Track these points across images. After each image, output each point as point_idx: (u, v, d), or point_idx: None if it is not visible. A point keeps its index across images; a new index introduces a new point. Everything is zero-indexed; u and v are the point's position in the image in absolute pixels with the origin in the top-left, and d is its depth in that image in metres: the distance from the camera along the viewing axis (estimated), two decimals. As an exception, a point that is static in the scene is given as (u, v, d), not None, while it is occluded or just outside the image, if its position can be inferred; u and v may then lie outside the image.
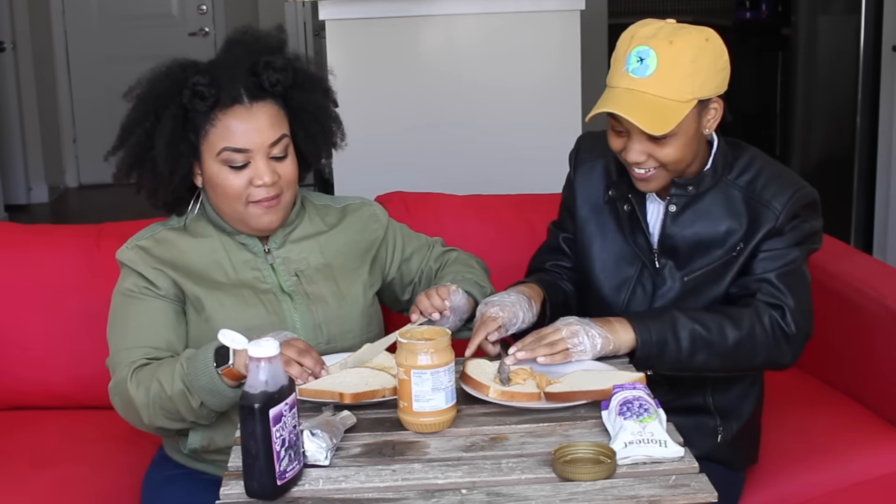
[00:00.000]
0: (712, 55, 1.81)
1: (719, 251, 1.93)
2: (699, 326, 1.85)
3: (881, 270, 2.51)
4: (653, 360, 1.84)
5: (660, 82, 1.77)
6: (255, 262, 2.00)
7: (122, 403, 1.92)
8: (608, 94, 1.82)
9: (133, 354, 1.91)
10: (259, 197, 1.92)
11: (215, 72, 1.92)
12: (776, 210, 1.90)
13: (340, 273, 2.04)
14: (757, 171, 1.94)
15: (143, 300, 1.95)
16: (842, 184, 4.80)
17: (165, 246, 1.99)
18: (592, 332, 1.81)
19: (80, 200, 7.02)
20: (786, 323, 1.88)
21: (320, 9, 3.26)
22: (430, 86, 3.33)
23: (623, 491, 1.46)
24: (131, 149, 1.96)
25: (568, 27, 3.31)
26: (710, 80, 1.81)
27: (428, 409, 1.63)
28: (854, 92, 4.75)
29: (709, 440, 2.01)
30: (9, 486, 2.15)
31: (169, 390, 1.81)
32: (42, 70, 6.91)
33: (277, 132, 1.93)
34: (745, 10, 6.30)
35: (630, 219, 1.98)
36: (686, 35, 1.80)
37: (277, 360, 1.47)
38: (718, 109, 1.87)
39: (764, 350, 1.88)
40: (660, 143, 1.82)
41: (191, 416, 1.84)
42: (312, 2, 3.45)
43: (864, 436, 2.27)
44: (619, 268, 2.00)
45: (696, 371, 1.90)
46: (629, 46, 1.80)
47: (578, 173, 2.08)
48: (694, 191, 1.92)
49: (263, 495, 1.47)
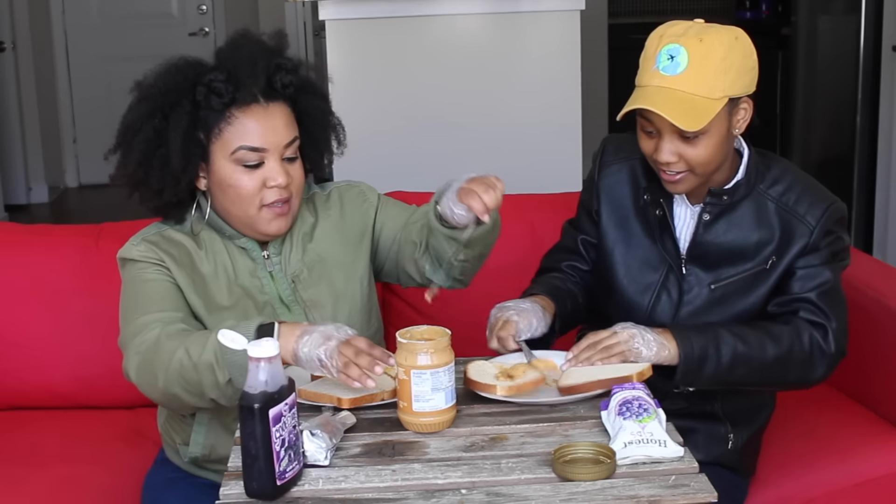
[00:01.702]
0: (742, 53, 1.81)
1: (749, 262, 1.92)
2: (741, 342, 1.84)
3: (881, 270, 2.51)
4: (692, 374, 1.83)
5: (691, 79, 1.76)
6: (254, 269, 1.97)
7: (140, 363, 1.79)
8: (639, 93, 1.81)
9: (160, 317, 1.83)
10: (272, 199, 1.89)
11: (231, 69, 1.89)
12: (810, 224, 1.89)
13: (335, 270, 2.01)
14: (790, 183, 1.93)
15: (158, 281, 1.89)
16: (842, 184, 4.79)
17: (173, 245, 1.94)
18: (648, 338, 1.80)
19: (80, 200, 7.01)
20: (826, 343, 1.87)
21: (320, 9, 3.26)
22: (430, 86, 3.33)
23: (623, 491, 1.46)
24: (139, 146, 1.90)
25: (568, 27, 3.31)
26: (740, 77, 1.80)
27: (428, 409, 1.63)
28: (854, 92, 4.75)
29: (720, 446, 2.00)
30: (9, 486, 2.15)
31: (196, 359, 1.71)
32: (42, 70, 6.90)
33: (292, 133, 1.92)
34: (745, 10, 6.30)
35: (660, 223, 1.97)
36: (716, 33, 1.80)
37: (277, 360, 1.47)
38: (748, 110, 1.85)
39: (798, 367, 1.88)
40: (691, 142, 1.80)
41: (212, 393, 1.73)
42: (312, 2, 3.44)
43: (865, 436, 2.27)
44: (644, 272, 1.98)
45: (731, 386, 1.90)
46: (659, 45, 1.79)
47: (603, 175, 2.05)
48: (728, 200, 1.91)
49: (263, 495, 1.47)
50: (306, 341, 1.67)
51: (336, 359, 1.64)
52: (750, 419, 2.05)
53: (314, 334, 1.68)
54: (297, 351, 1.67)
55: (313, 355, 1.66)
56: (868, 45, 4.64)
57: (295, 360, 1.69)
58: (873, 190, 4.70)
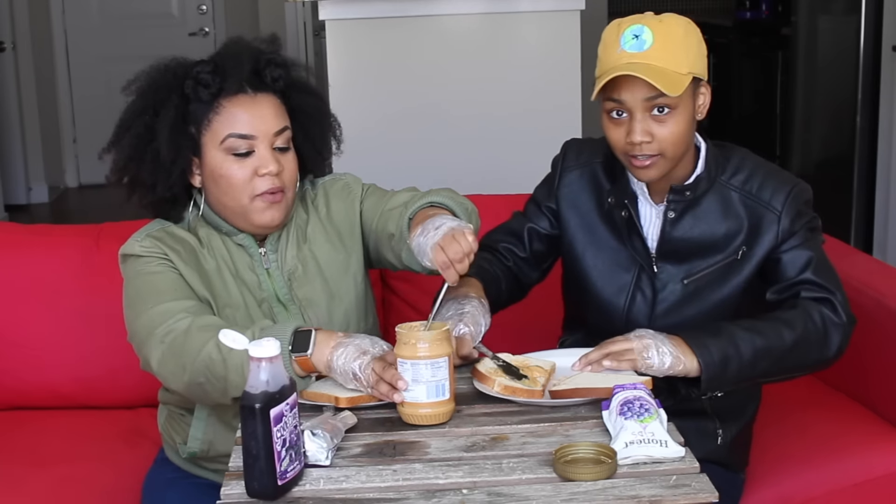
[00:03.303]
0: (697, 37, 1.86)
1: (720, 254, 1.93)
2: (757, 336, 1.83)
3: (881, 270, 2.51)
4: (717, 380, 1.80)
5: (659, 54, 1.79)
6: (252, 265, 1.97)
7: (165, 353, 1.77)
8: (611, 72, 1.81)
9: (186, 306, 1.81)
10: (264, 188, 1.88)
11: (219, 61, 1.92)
12: (776, 210, 1.90)
13: (328, 268, 2.00)
14: (750, 171, 1.94)
15: (165, 273, 1.88)
16: (842, 184, 4.80)
17: (178, 241, 1.93)
18: (664, 350, 1.76)
19: (80, 200, 7.02)
20: (837, 315, 1.87)
21: (320, 9, 3.26)
22: (430, 86, 3.33)
23: (624, 491, 1.46)
24: (130, 141, 1.92)
25: (568, 27, 3.31)
26: (699, 58, 1.85)
27: (409, 400, 1.64)
28: (854, 92, 4.75)
29: (709, 442, 2.00)
30: (9, 486, 2.15)
31: (227, 355, 1.69)
32: (42, 70, 6.91)
33: (281, 122, 1.92)
34: (745, 10, 6.29)
35: (627, 224, 1.97)
36: (671, 16, 1.85)
37: (278, 360, 1.47)
38: (707, 95, 1.89)
39: (816, 347, 1.87)
40: (662, 120, 1.82)
41: (235, 392, 1.69)
42: (312, 2, 3.45)
43: (864, 436, 2.27)
44: (616, 274, 1.98)
45: (756, 381, 1.90)
46: (619, 30, 1.82)
47: (564, 181, 2.06)
48: (691, 195, 1.92)
49: (264, 495, 1.47)
50: (341, 353, 1.68)
51: (369, 374, 1.66)
52: (738, 414, 2.05)
53: (349, 347, 1.69)
54: (330, 362, 1.69)
55: (348, 368, 1.67)
56: (868, 45, 4.65)
57: (328, 371, 1.70)
58: (873, 190, 4.70)
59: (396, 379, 1.63)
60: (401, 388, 1.63)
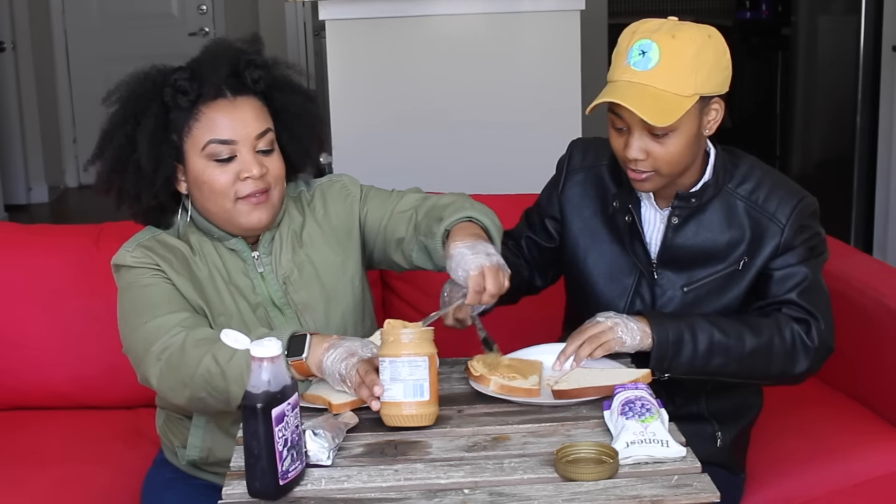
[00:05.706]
0: (714, 52, 1.80)
1: (721, 263, 1.92)
2: (718, 331, 1.84)
3: (881, 270, 2.51)
4: (667, 361, 1.83)
5: (662, 75, 1.75)
6: (245, 269, 1.95)
7: (163, 370, 1.77)
8: (609, 88, 1.80)
9: (179, 320, 1.81)
10: (247, 192, 1.87)
11: (196, 67, 1.90)
12: (780, 223, 1.88)
13: (325, 271, 1.99)
14: (758, 181, 1.92)
15: (158, 284, 1.87)
16: (842, 184, 4.80)
17: (169, 249, 1.92)
18: (631, 326, 1.81)
19: (80, 200, 7.01)
20: (809, 338, 1.87)
21: (320, 9, 3.26)
22: (430, 86, 3.33)
23: (625, 491, 1.46)
24: (113, 153, 1.91)
25: (568, 27, 3.31)
26: (711, 76, 1.79)
27: (386, 399, 1.63)
28: (854, 92, 4.75)
29: (709, 445, 2.00)
30: (9, 486, 2.15)
31: (224, 366, 1.70)
32: (42, 70, 6.90)
33: (263, 125, 1.90)
34: (745, 10, 6.30)
35: (630, 229, 1.97)
36: (688, 30, 1.79)
37: (280, 359, 1.47)
38: (719, 111, 1.85)
39: (780, 360, 1.87)
40: (660, 140, 1.79)
41: (241, 402, 1.68)
42: (312, 2, 3.44)
43: (865, 436, 2.27)
44: (616, 278, 1.98)
45: (710, 375, 1.89)
46: (631, 40, 1.79)
47: (569, 183, 2.06)
48: (697, 202, 1.91)
49: (266, 495, 1.47)
50: (331, 354, 1.69)
51: (353, 376, 1.66)
52: (736, 418, 2.05)
53: (339, 349, 1.70)
54: (322, 363, 1.69)
55: (335, 369, 1.68)
56: (868, 45, 4.65)
57: (320, 373, 1.71)
58: (873, 190, 4.70)
59: (374, 384, 1.63)
60: (376, 394, 1.63)
